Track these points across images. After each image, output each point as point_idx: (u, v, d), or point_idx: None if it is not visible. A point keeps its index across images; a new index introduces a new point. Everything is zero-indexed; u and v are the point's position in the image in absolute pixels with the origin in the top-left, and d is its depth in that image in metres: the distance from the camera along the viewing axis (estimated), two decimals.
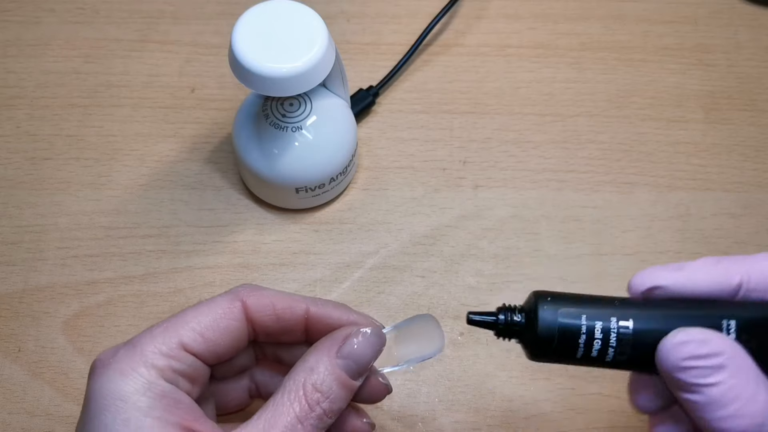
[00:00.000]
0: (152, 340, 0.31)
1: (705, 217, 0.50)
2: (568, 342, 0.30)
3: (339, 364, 0.32)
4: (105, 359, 0.31)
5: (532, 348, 0.31)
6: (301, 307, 0.34)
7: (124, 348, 0.31)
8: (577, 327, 0.30)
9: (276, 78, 0.41)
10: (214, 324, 0.32)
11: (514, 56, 0.56)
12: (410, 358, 0.36)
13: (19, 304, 0.47)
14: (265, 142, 0.46)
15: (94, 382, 0.31)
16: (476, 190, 0.51)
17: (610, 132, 0.53)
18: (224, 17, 0.57)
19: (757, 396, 0.29)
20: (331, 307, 0.35)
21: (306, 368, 0.32)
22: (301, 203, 0.49)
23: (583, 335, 0.30)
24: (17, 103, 0.54)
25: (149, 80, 0.55)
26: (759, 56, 0.56)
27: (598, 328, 0.30)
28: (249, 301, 0.34)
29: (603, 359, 0.31)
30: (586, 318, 0.30)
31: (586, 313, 0.30)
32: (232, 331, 0.33)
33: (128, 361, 0.31)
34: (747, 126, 0.54)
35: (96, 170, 0.51)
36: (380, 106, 0.54)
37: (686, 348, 0.29)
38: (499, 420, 0.44)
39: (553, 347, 0.31)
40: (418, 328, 0.36)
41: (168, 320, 0.32)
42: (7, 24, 0.57)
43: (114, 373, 0.30)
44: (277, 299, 0.34)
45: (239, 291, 0.34)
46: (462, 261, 0.48)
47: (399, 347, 0.36)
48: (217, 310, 0.33)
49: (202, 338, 0.32)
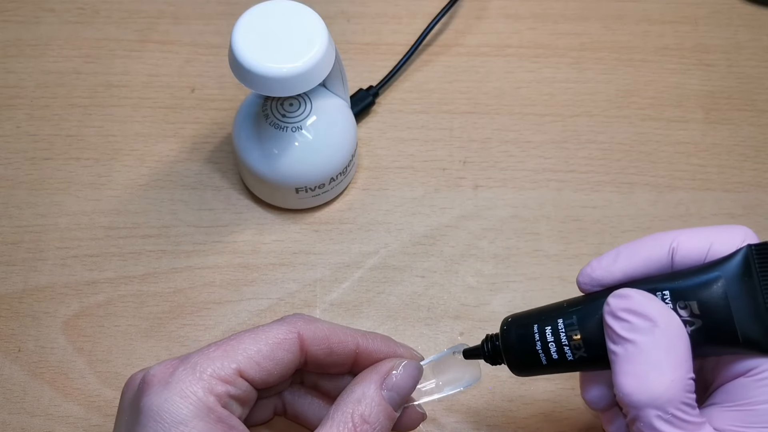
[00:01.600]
0: (210, 363, 0.32)
1: (705, 217, 0.50)
2: (529, 351, 0.34)
3: (385, 395, 0.34)
4: (162, 376, 0.31)
5: (509, 366, 0.35)
6: (352, 342, 0.35)
7: (182, 367, 0.32)
8: (531, 335, 0.34)
9: (276, 78, 0.41)
10: (270, 354, 0.33)
11: (514, 56, 0.56)
12: (447, 387, 0.38)
13: (19, 304, 0.47)
14: (265, 142, 0.46)
15: (149, 398, 0.31)
16: (476, 190, 0.51)
17: (610, 132, 0.53)
18: (224, 17, 0.57)
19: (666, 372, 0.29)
20: (379, 341, 0.36)
21: (354, 399, 0.33)
22: (301, 203, 0.49)
23: (538, 342, 0.33)
24: (17, 103, 0.54)
25: (149, 80, 0.55)
26: (759, 56, 0.56)
27: (547, 332, 0.33)
28: (305, 333, 0.34)
29: (566, 360, 0.33)
30: (537, 326, 0.33)
31: (536, 322, 0.34)
32: (287, 362, 0.34)
33: (188, 384, 0.31)
34: (747, 126, 0.54)
35: (96, 170, 0.51)
36: (380, 106, 0.54)
37: (627, 301, 0.31)
38: (499, 420, 0.44)
39: (521, 359, 0.34)
40: (454, 359, 0.38)
41: (226, 342, 0.33)
42: (7, 24, 0.57)
43: (173, 394, 0.31)
44: (332, 333, 0.35)
45: (296, 322, 0.34)
46: (462, 261, 0.48)
47: (437, 377, 0.38)
48: (274, 339, 0.33)
49: (259, 366, 0.33)
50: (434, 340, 0.46)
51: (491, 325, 0.46)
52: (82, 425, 0.44)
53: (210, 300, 0.47)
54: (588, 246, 0.49)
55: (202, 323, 0.46)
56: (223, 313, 0.47)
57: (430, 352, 0.46)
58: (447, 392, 0.38)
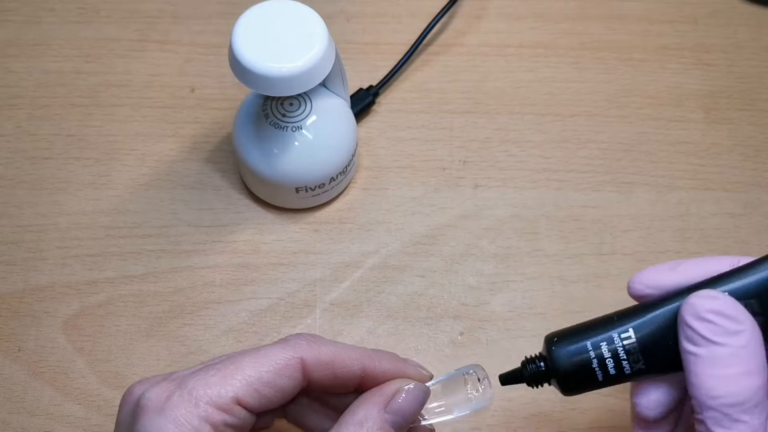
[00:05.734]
0: (207, 389, 0.31)
1: (705, 216, 0.50)
2: (586, 372, 0.32)
3: (387, 419, 0.33)
4: (157, 401, 0.31)
5: (561, 388, 0.33)
6: (358, 365, 0.34)
7: (178, 392, 0.31)
8: (587, 357, 0.32)
9: (276, 78, 0.41)
10: (270, 381, 0.32)
11: (514, 56, 0.56)
12: (457, 408, 0.36)
13: (19, 304, 0.47)
14: (265, 141, 0.46)
15: (143, 425, 0.30)
16: (476, 190, 0.51)
17: (610, 132, 0.53)
18: (224, 17, 0.57)
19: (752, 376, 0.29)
20: (386, 361, 0.35)
21: (355, 422, 0.32)
22: (301, 203, 0.49)
23: (594, 360, 0.32)
24: (17, 102, 0.54)
25: (149, 80, 0.55)
26: (759, 56, 0.56)
27: (603, 348, 0.32)
28: (308, 359, 0.33)
29: (624, 374, 0.32)
30: (591, 345, 0.32)
31: (590, 341, 0.32)
32: (287, 389, 0.33)
33: (182, 411, 0.30)
34: (747, 126, 0.54)
35: (96, 170, 0.51)
36: (380, 105, 0.54)
37: (714, 302, 0.30)
38: (499, 420, 0.44)
39: (576, 379, 0.33)
40: (464, 378, 0.36)
41: (224, 366, 0.32)
42: (7, 24, 0.57)
43: (168, 422, 0.30)
44: (336, 357, 0.34)
45: (298, 344, 0.33)
46: (462, 261, 0.48)
47: (446, 397, 0.36)
48: (275, 365, 0.32)
49: (258, 394, 0.32)
50: (434, 340, 0.46)
51: (491, 324, 0.46)
52: (82, 425, 0.44)
53: (210, 300, 0.47)
54: (588, 246, 0.49)
55: (202, 323, 0.46)
56: (223, 313, 0.47)
57: (431, 352, 0.46)
58: (456, 414, 0.36)
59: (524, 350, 0.46)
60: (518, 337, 0.46)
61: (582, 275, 0.48)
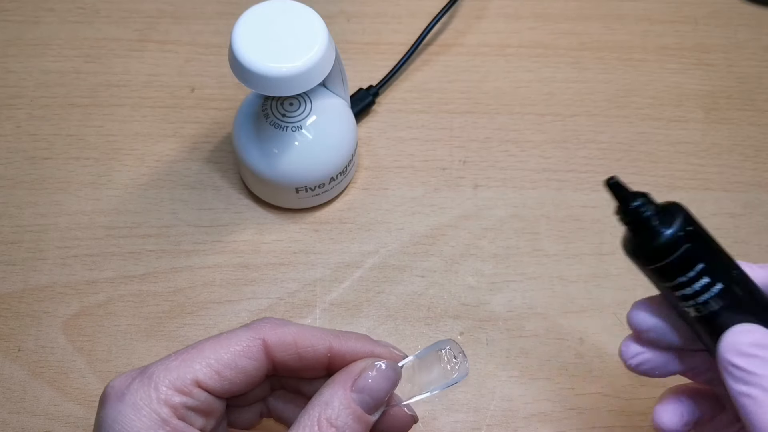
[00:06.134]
0: (167, 374, 0.31)
1: (705, 217, 0.49)
2: (684, 263, 0.29)
3: (354, 398, 0.32)
4: (119, 389, 0.31)
5: (644, 246, 0.30)
6: (323, 344, 0.34)
7: (138, 379, 0.31)
8: (700, 256, 0.29)
9: (276, 78, 0.41)
10: (231, 362, 0.32)
11: (514, 56, 0.56)
12: (434, 385, 0.35)
13: (19, 304, 0.47)
14: (265, 141, 0.46)
15: (106, 412, 0.30)
16: (476, 190, 0.51)
17: (610, 132, 0.53)
18: (224, 17, 0.57)
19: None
20: (353, 341, 0.34)
21: (321, 403, 0.32)
22: (301, 203, 0.49)
23: (701, 265, 0.29)
24: (17, 102, 0.54)
25: (149, 80, 0.55)
26: (759, 56, 0.56)
27: (717, 268, 0.29)
28: (270, 339, 0.33)
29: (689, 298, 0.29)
30: (713, 254, 0.29)
31: (717, 251, 0.30)
32: (249, 370, 0.32)
33: (142, 395, 0.30)
34: (747, 126, 0.54)
35: (96, 170, 0.51)
36: (380, 105, 0.54)
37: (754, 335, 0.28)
38: (499, 420, 0.44)
39: (668, 260, 0.29)
40: (439, 355, 0.36)
41: (186, 351, 0.32)
42: (7, 24, 0.57)
43: (127, 406, 0.30)
44: (300, 337, 0.33)
45: (261, 327, 0.33)
46: (462, 261, 0.48)
47: (421, 375, 0.35)
48: (236, 347, 0.32)
49: (218, 376, 0.32)
50: (434, 340, 0.46)
51: (491, 324, 0.46)
52: (82, 425, 0.44)
53: (210, 300, 0.47)
54: (588, 245, 0.49)
55: (202, 323, 0.46)
56: (223, 313, 0.47)
57: None
58: (432, 391, 0.35)
59: (524, 350, 0.46)
60: (518, 337, 0.46)
61: (582, 275, 0.48)
